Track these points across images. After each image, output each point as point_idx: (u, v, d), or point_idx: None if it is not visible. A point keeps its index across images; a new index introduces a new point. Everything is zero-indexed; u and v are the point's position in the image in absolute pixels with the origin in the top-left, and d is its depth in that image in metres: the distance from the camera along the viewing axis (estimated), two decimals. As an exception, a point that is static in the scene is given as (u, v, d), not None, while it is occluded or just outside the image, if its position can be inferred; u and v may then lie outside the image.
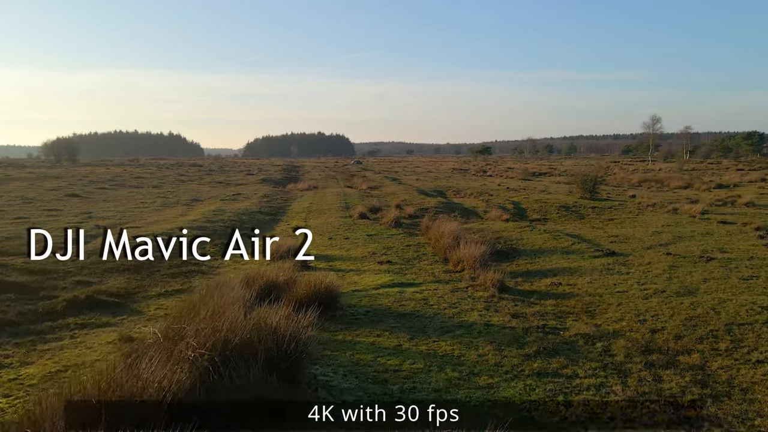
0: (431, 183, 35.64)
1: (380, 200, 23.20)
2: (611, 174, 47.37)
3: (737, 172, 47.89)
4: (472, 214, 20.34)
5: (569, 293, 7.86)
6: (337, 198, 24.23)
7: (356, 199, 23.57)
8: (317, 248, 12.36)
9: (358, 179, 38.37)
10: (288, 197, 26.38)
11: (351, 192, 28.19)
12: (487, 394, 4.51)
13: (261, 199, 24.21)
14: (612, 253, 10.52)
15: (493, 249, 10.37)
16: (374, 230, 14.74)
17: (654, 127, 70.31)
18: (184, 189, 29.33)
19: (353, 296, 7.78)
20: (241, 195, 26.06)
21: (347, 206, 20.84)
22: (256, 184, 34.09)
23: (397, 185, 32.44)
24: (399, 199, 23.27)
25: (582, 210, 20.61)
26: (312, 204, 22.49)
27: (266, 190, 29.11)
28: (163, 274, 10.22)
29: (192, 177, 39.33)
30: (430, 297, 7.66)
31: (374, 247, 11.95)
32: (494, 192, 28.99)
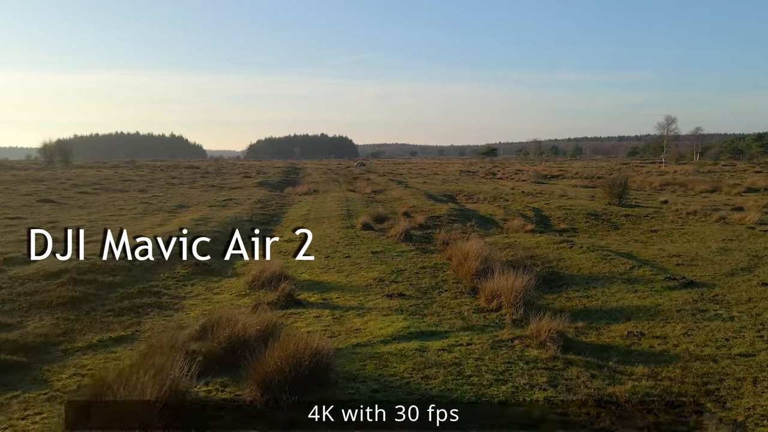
0: (440, 186, 33.28)
1: (386, 206, 20.87)
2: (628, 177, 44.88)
3: (757, 175, 45.40)
4: (490, 224, 17.99)
5: (663, 353, 5.51)
6: (338, 204, 21.91)
7: (359, 206, 21.24)
8: (311, 271, 10.03)
9: (361, 182, 36.06)
10: (284, 203, 24.06)
11: (354, 197, 25.86)
12: None
13: (254, 205, 21.90)
14: (690, 283, 8.15)
15: (534, 276, 8.01)
16: (380, 245, 12.40)
17: (669, 127, 67.65)
18: (173, 194, 27.05)
19: (354, 358, 5.44)
20: (233, 200, 23.76)
21: (349, 214, 18.51)
22: (252, 187, 31.80)
23: (403, 189, 30.10)
24: (407, 206, 20.92)
25: (614, 218, 18.23)
26: (310, 211, 20.16)
27: (262, 195, 26.82)
28: (108, 309, 7.90)
29: (185, 180, 37.06)
30: (465, 360, 5.32)
31: (381, 270, 9.61)
32: (509, 197, 26.61)
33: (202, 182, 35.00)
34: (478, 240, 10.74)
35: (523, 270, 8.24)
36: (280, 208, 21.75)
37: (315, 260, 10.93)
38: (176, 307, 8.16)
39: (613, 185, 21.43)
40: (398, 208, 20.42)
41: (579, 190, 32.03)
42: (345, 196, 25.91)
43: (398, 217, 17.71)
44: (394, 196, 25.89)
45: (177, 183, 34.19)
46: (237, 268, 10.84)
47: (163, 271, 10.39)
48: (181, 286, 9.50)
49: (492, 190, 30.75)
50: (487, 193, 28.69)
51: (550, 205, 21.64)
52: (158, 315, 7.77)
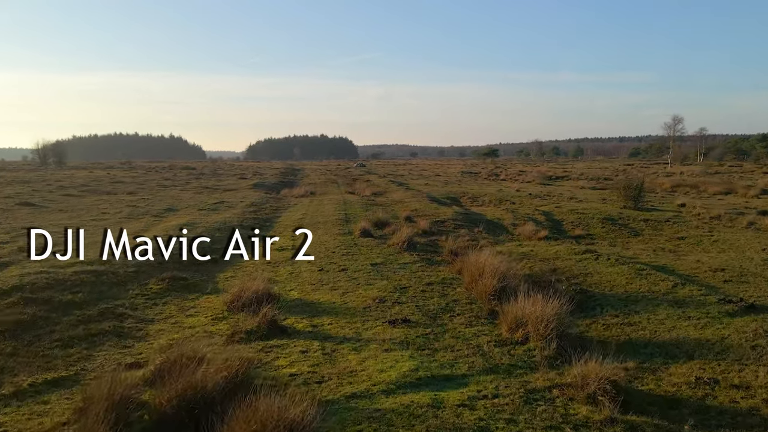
0: (442, 188, 32.00)
1: (386, 210, 19.59)
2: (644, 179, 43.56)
3: (766, 176, 44.19)
4: (499, 229, 16.72)
5: (752, 412, 4.23)
6: (336, 207, 20.62)
7: (358, 209, 19.96)
8: (301, 287, 8.74)
9: (360, 184, 34.77)
10: (279, 206, 22.77)
11: (352, 199, 24.59)
12: None
13: (247, 208, 20.61)
14: (751, 307, 6.83)
15: (565, 299, 6.71)
16: (381, 255, 11.12)
17: (675, 128, 66.17)
18: (163, 196, 25.76)
19: (347, 418, 4.15)
20: (225, 203, 22.48)
21: (347, 219, 17.22)
22: (247, 189, 30.52)
23: (404, 191, 28.82)
24: (409, 209, 19.64)
25: (632, 223, 16.94)
26: (305, 215, 18.87)
27: (256, 197, 25.53)
28: (56, 339, 6.63)
29: (177, 182, 35.77)
30: (493, 422, 4.04)
31: (382, 288, 8.33)
32: (516, 199, 25.34)
33: (196, 184, 33.71)
34: (492, 251, 9.43)
35: (548, 289, 6.97)
36: (274, 211, 20.45)
37: (307, 274, 9.65)
38: (139, 335, 6.89)
39: (628, 187, 20.14)
40: (400, 211, 19.15)
41: (587, 192, 30.75)
42: (343, 199, 24.64)
43: (400, 222, 16.44)
44: (395, 199, 24.62)
45: (169, 185, 32.90)
46: (219, 282, 9.58)
47: (133, 287, 9.12)
48: (150, 305, 8.21)
49: (497, 192, 29.47)
50: (492, 195, 27.42)
51: (561, 208, 20.35)
52: (115, 346, 6.49)
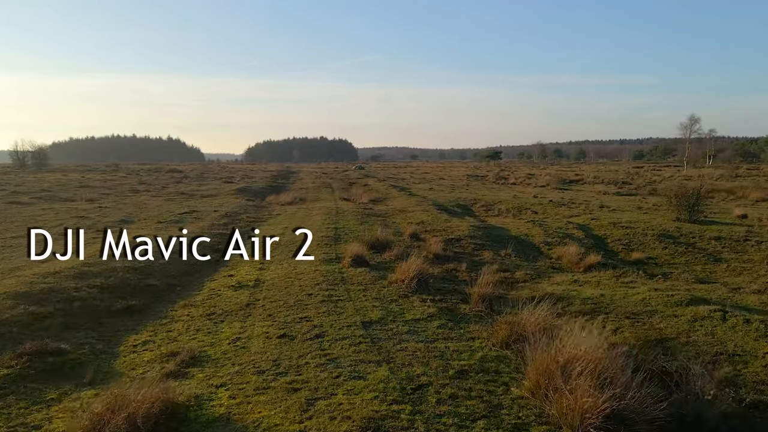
0: (449, 194, 28.35)
1: (387, 223, 15.97)
2: (655, 181, 39.87)
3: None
4: (530, 250, 13.09)
5: None
6: (325, 219, 17.00)
7: (352, 222, 16.34)
8: (238, 383, 5.06)
9: (357, 189, 31.11)
10: (259, 216, 19.13)
11: (347, 208, 20.96)
12: None
13: (218, 220, 16.97)
14: None
15: None
16: (378, 302, 7.49)
17: (692, 128, 62.19)
18: (126, 204, 22.13)
19: None
20: (195, 213, 18.84)
21: (336, 236, 13.60)
22: (228, 195, 26.86)
23: (407, 197, 25.18)
24: (414, 222, 16.00)
25: (700, 242, 13.31)
26: (287, 229, 15.24)
27: (234, 205, 21.90)
28: None
29: (153, 186, 32.11)
30: None
31: (379, 389, 4.69)
32: (537, 207, 21.71)
33: (173, 189, 30.04)
34: (545, 300, 5.76)
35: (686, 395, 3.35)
36: (250, 224, 16.80)
37: (259, 344, 6.01)
38: None
39: (682, 195, 16.47)
40: (403, 225, 15.53)
41: (614, 198, 27.09)
42: (336, 208, 21.01)
43: (404, 241, 12.82)
44: (397, 207, 20.98)
45: (142, 189, 29.25)
46: (118, 357, 5.95)
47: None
48: None
49: (512, 198, 25.82)
50: (508, 202, 23.78)
51: (600, 221, 16.73)
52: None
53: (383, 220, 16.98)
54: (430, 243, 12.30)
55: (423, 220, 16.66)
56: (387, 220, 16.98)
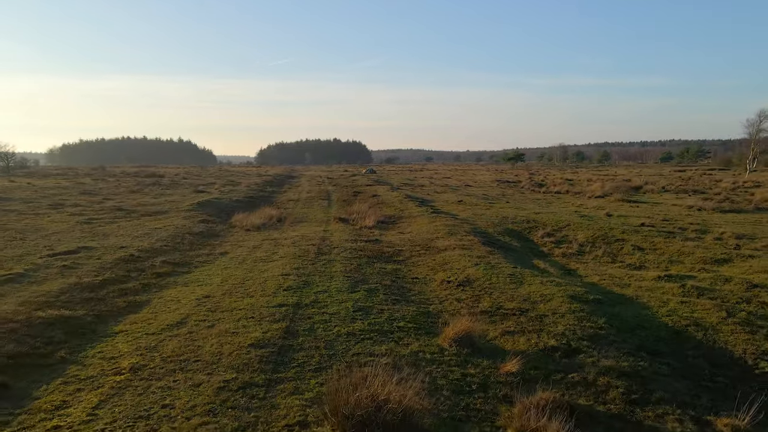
0: (487, 210, 20.49)
1: (402, 280, 8.35)
2: (728, 189, 31.43)
3: None
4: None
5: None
6: (291, 268, 9.41)
7: (337, 278, 8.72)
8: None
9: (362, 203, 23.39)
10: (188, 258, 11.51)
11: (339, 239, 13.36)
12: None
13: (100, 273, 9.43)
14: None
15: None
16: None
17: (761, 125, 53.06)
18: (13, 228, 14.67)
19: None
20: (86, 252, 11.36)
21: (284, 341, 5.93)
22: (182, 213, 19.28)
23: (430, 218, 17.46)
24: (453, 285, 8.32)
25: None
26: (188, 318, 7.60)
27: (172, 232, 14.36)
28: None
29: (97, 196, 24.66)
30: None
31: None
32: (633, 238, 13.87)
33: (114, 203, 22.54)
34: None
35: None
36: (148, 284, 9.19)
37: None
38: None
39: None
40: (435, 288, 7.91)
41: (731, 218, 18.98)
42: (322, 238, 13.37)
43: (444, 359, 5.14)
44: (418, 239, 13.27)
45: (69, 204, 21.78)
46: None
47: None
48: None
49: (579, 219, 17.85)
50: (580, 226, 15.89)
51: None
52: None
53: (395, 275, 9.31)
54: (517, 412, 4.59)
55: (469, 277, 8.96)
56: (403, 275, 9.31)
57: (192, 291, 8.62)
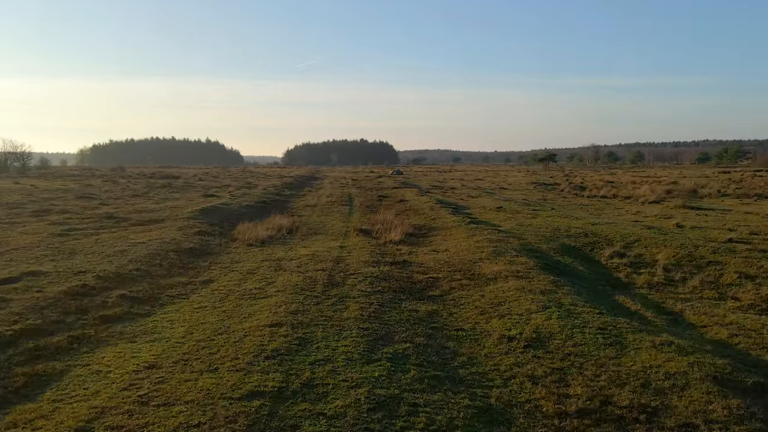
0: (533, 219, 17.42)
1: (441, 327, 5.50)
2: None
3: None
4: None
5: None
6: (294, 304, 6.62)
7: (349, 327, 5.92)
8: None
9: (387, 208, 20.57)
10: (159, 290, 8.86)
11: (357, 259, 10.62)
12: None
13: (33, 314, 6.80)
14: None
15: None
16: None
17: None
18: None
19: None
20: (34, 277, 8.79)
21: None
22: (180, 221, 16.73)
23: (468, 229, 14.56)
24: (521, 345, 5.45)
25: None
26: (114, 409, 4.85)
27: (156, 247, 11.78)
28: None
29: (95, 200, 22.44)
30: None
31: None
32: (746, 267, 10.72)
33: (108, 209, 20.18)
34: None
35: None
36: (50, 361, 6.52)
37: None
38: None
39: None
40: (490, 358, 4.95)
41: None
42: (335, 259, 10.61)
43: None
44: (456, 261, 10.37)
45: (56, 210, 19.50)
46: None
47: None
48: None
49: (644, 231, 14.67)
50: (653, 241, 12.76)
51: None
52: None
53: (432, 324, 6.48)
54: None
55: (539, 331, 6.08)
56: (442, 324, 6.47)
57: (136, 352, 5.91)
